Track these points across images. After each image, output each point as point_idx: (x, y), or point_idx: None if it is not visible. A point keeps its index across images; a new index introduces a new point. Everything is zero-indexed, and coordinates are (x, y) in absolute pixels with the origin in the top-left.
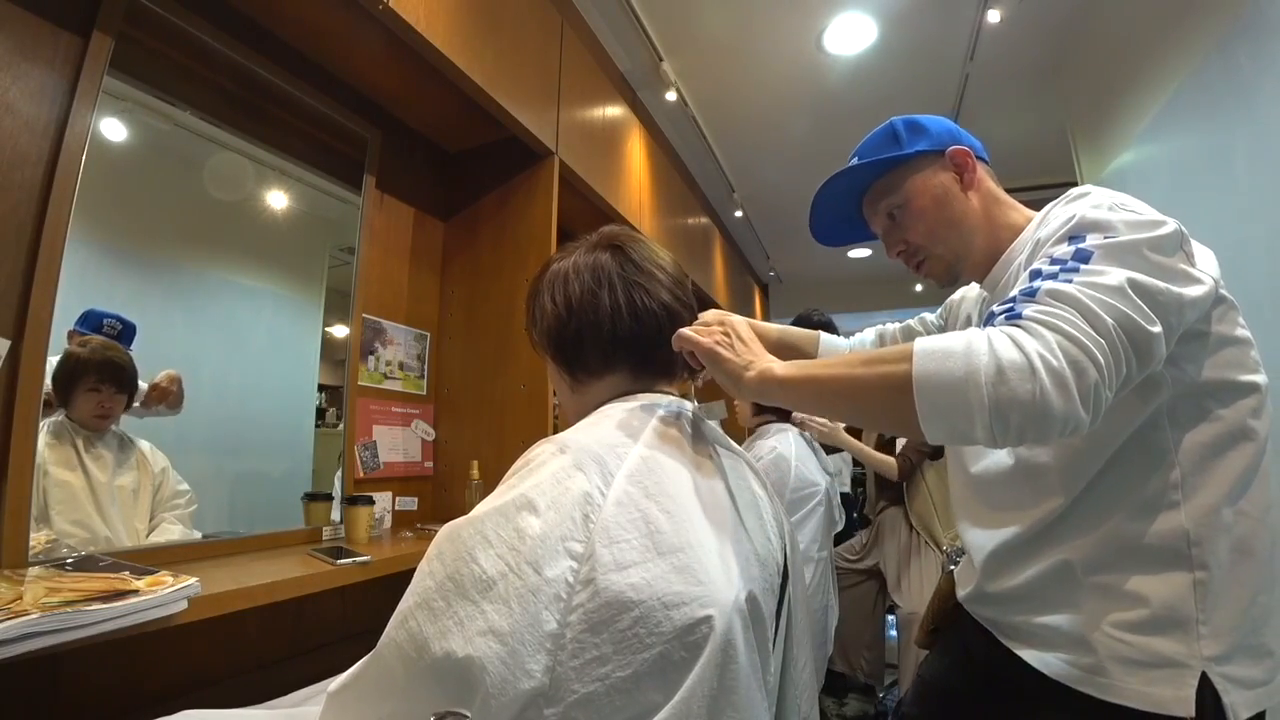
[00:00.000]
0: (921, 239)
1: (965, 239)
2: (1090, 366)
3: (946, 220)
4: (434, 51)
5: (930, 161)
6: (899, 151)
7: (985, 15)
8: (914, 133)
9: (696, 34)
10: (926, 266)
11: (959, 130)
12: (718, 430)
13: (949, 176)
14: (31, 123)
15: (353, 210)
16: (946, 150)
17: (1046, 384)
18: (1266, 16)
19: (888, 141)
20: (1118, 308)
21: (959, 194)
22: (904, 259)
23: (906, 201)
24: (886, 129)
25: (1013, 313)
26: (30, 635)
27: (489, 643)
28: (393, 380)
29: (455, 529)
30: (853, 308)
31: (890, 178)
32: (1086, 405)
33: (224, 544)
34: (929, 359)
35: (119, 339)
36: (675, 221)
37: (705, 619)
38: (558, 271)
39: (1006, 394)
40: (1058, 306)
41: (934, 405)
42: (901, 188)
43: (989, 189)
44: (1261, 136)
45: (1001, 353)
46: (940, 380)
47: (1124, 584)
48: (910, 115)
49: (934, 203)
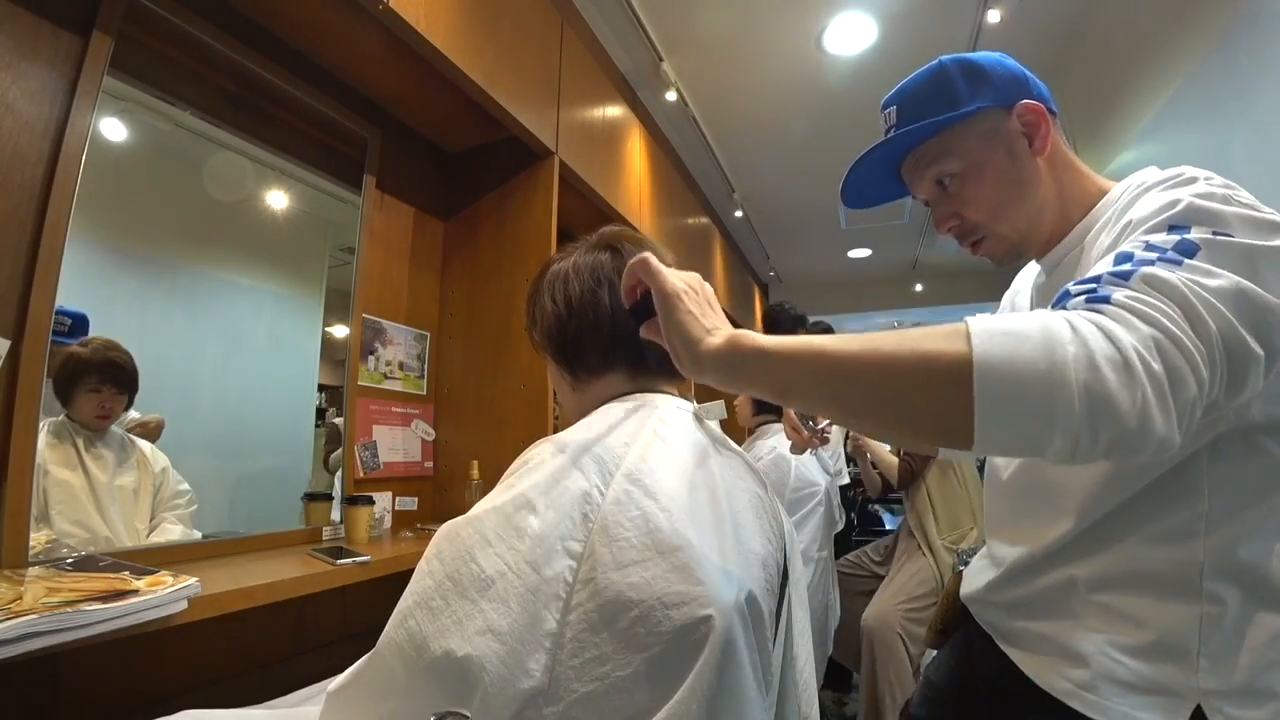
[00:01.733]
0: (983, 216)
1: (1034, 215)
2: (1191, 377)
3: (1014, 193)
4: (434, 51)
5: (994, 120)
6: (954, 111)
7: (985, 15)
8: (974, 81)
9: (696, 34)
10: (985, 246)
11: (1027, 75)
12: (717, 430)
13: (1017, 138)
14: (31, 123)
15: (353, 210)
16: (1014, 106)
17: (1149, 392)
18: (1266, 16)
19: (939, 92)
20: (1225, 315)
21: (1029, 160)
22: (956, 235)
23: (964, 171)
24: (935, 74)
25: (1096, 295)
26: (30, 635)
27: (488, 642)
28: (393, 380)
29: (454, 528)
30: (853, 308)
31: (942, 138)
32: (1182, 424)
33: (224, 544)
34: (996, 340)
35: (70, 334)
36: (675, 221)
37: (705, 618)
38: (558, 272)
39: (1102, 399)
40: (1156, 297)
41: (1002, 404)
42: (956, 151)
43: (1061, 153)
44: (1261, 135)
45: (1094, 344)
46: (1015, 370)
47: (1127, 606)
48: (963, 55)
49: (998, 173)
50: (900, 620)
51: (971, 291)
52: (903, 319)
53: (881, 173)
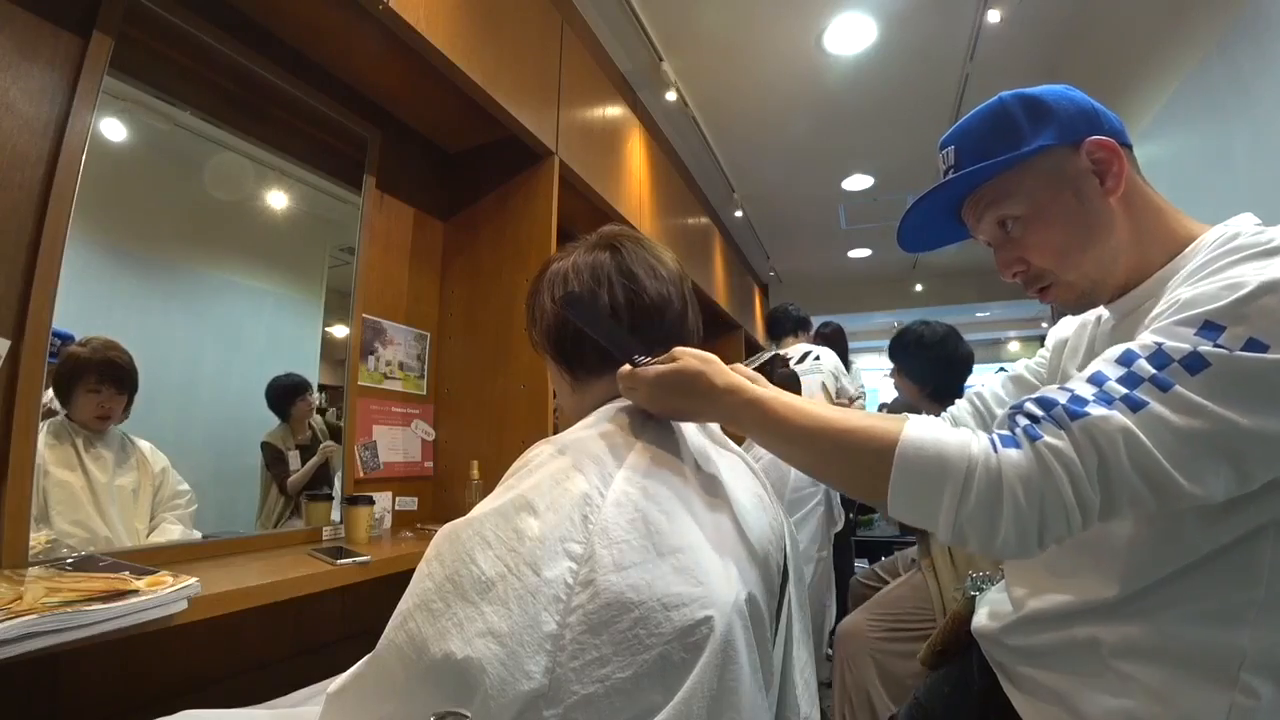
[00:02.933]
0: (1050, 262)
1: (1107, 261)
2: (1064, 525)
3: (1083, 238)
4: (434, 51)
5: (1058, 157)
6: (1017, 150)
7: (985, 15)
8: (1036, 118)
9: (696, 34)
10: (1053, 293)
11: (1096, 108)
12: (717, 430)
13: (1086, 177)
14: (31, 122)
15: (353, 210)
16: (1083, 143)
17: (1009, 528)
18: (1266, 16)
19: (999, 130)
20: (1160, 464)
21: (1100, 201)
22: (1023, 282)
23: (1028, 214)
24: (996, 111)
25: (1033, 431)
26: (30, 635)
27: (488, 644)
28: (393, 380)
29: (454, 530)
30: (853, 308)
31: (1003, 179)
32: (1044, 545)
33: (224, 544)
34: (922, 429)
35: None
36: (675, 221)
37: (705, 620)
38: (557, 271)
39: (970, 517)
40: (1083, 452)
41: (907, 480)
42: (1018, 193)
43: (1140, 191)
44: (1261, 135)
45: (982, 472)
46: (923, 458)
47: (1152, 679)
48: (1025, 90)
49: (1065, 216)
50: (873, 641)
51: (971, 292)
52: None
53: (940, 214)
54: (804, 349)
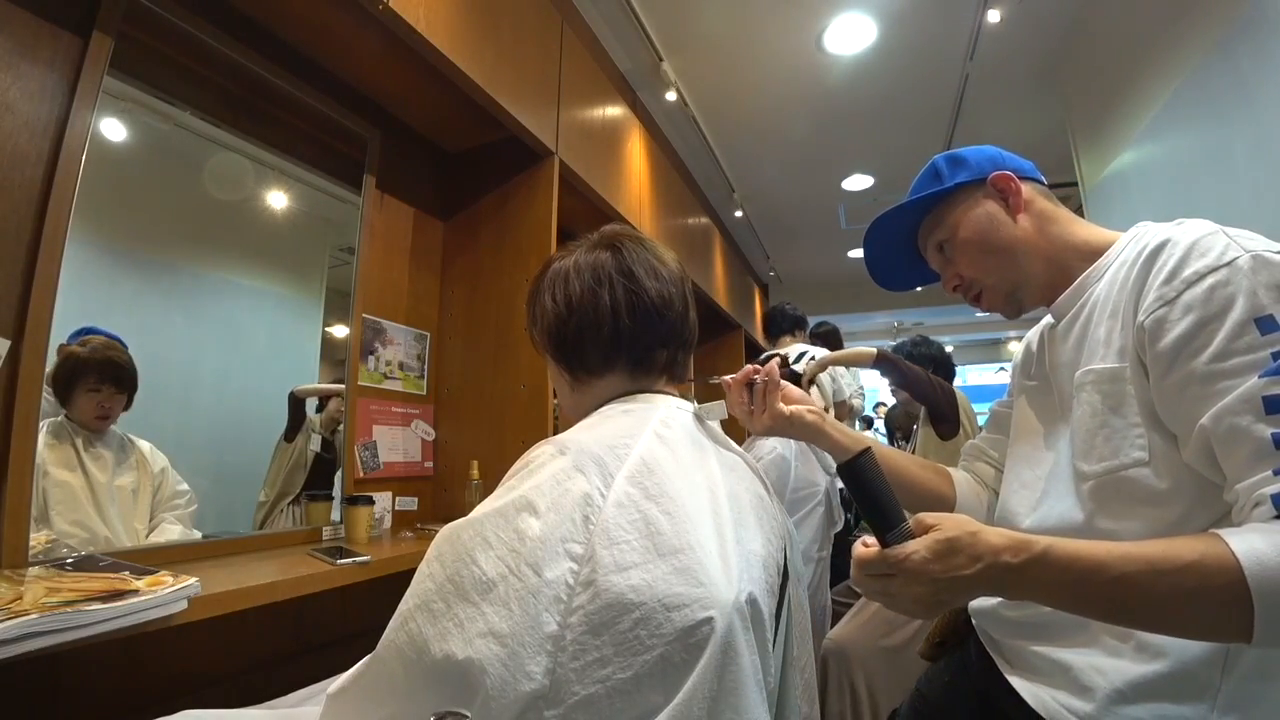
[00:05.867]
0: (972, 270)
1: (1019, 266)
2: None
3: (994, 249)
4: (434, 51)
5: (972, 192)
6: (940, 187)
7: (985, 15)
8: (954, 166)
9: (696, 34)
10: (986, 299)
11: (1001, 155)
12: (718, 430)
13: (994, 204)
14: (31, 123)
15: (353, 210)
16: (987, 178)
17: None
18: (1266, 16)
19: (930, 179)
20: None
21: (1006, 220)
22: (962, 293)
23: (952, 235)
24: (929, 168)
25: None
26: (30, 635)
27: (489, 645)
28: (393, 380)
29: (455, 531)
30: (853, 308)
31: (936, 214)
32: None
33: (224, 544)
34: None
35: None
36: (675, 221)
37: (706, 620)
38: (558, 271)
39: None
40: None
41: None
42: (946, 222)
43: (1042, 209)
44: (1261, 136)
45: None
46: None
47: (1145, 638)
48: (952, 151)
49: (979, 233)
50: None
51: None
52: (902, 319)
53: (906, 255)
54: (800, 348)
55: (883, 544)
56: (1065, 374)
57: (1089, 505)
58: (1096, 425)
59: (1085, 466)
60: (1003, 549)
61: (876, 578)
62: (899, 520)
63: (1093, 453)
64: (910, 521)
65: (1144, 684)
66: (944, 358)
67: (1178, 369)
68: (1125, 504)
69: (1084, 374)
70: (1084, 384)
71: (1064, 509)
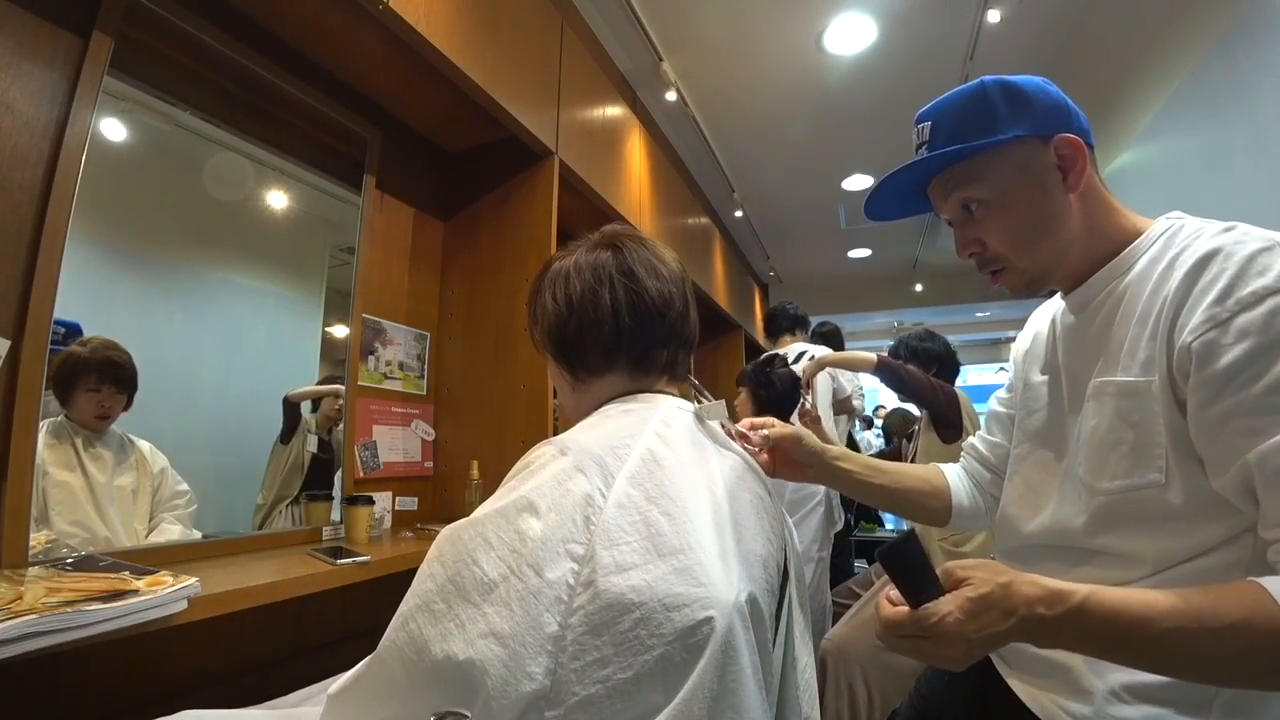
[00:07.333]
0: (1006, 248)
1: (1059, 252)
2: None
3: (1041, 229)
4: (434, 51)
5: (1029, 149)
6: (992, 137)
7: (985, 15)
8: (1014, 107)
9: (696, 34)
10: (1004, 277)
11: (1069, 104)
12: (718, 430)
13: (1051, 173)
14: (31, 123)
15: (353, 210)
16: (1053, 138)
17: None
18: (1266, 16)
19: (977, 114)
20: None
21: (1059, 196)
22: (977, 262)
23: (993, 199)
24: (976, 94)
25: None
26: (30, 635)
27: (490, 645)
28: (393, 380)
29: (456, 531)
30: (853, 308)
31: (974, 162)
32: None
33: (224, 544)
34: None
35: (64, 343)
36: (675, 221)
37: (706, 620)
38: (559, 270)
39: None
40: None
41: None
42: (987, 179)
43: (1095, 190)
44: (1261, 136)
45: None
46: None
47: None
48: (1006, 78)
49: (1028, 206)
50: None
51: (971, 292)
52: (903, 319)
53: (905, 187)
54: (800, 348)
55: (913, 606)
56: (1079, 372)
57: (1095, 519)
58: (1112, 441)
59: (1096, 483)
60: (1037, 600)
61: (908, 639)
62: (935, 591)
63: (1105, 470)
64: (939, 570)
65: (1142, 687)
66: (949, 355)
67: (1226, 397)
68: (1134, 521)
69: (1103, 383)
70: (1101, 394)
71: (1067, 518)
